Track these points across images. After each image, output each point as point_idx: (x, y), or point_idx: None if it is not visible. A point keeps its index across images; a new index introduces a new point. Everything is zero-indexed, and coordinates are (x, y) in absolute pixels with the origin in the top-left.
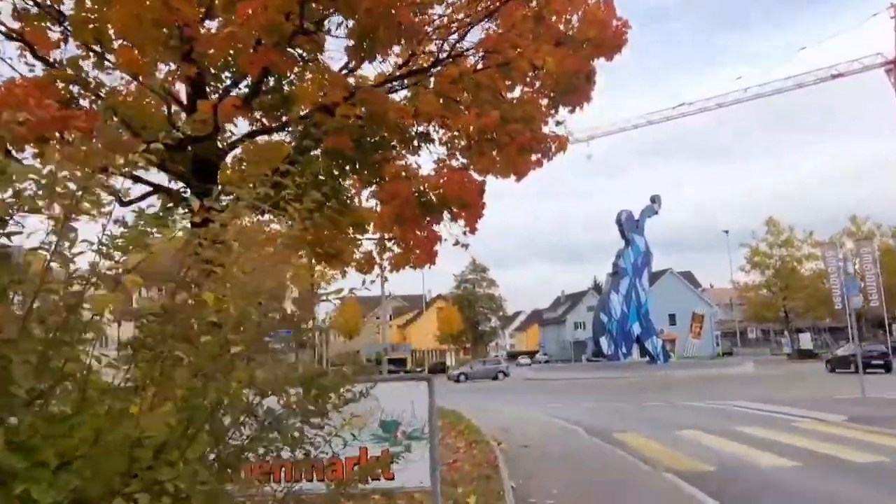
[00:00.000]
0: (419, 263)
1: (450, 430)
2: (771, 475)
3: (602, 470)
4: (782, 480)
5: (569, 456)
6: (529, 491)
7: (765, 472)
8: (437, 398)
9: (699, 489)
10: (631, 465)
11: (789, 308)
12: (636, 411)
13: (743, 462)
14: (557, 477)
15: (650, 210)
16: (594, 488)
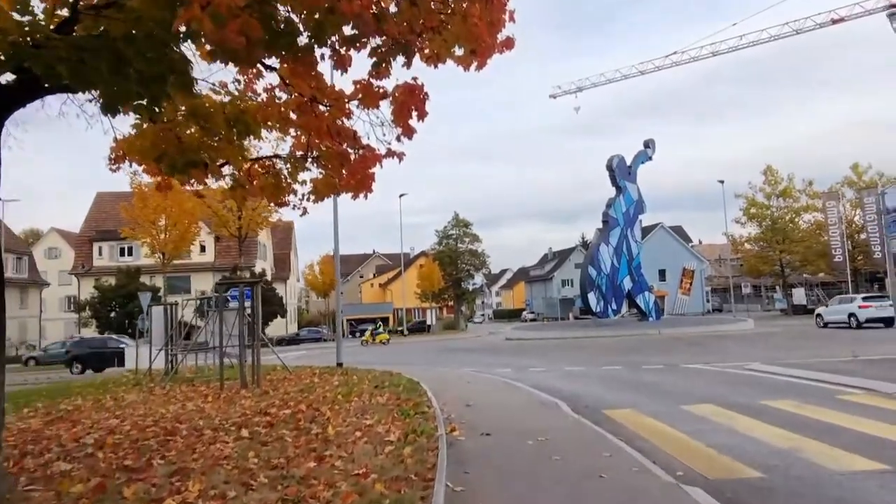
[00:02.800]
0: (352, 190)
1: (390, 416)
2: (859, 489)
3: (587, 477)
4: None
5: (542, 451)
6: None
7: (842, 481)
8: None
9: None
10: (632, 468)
11: (785, 262)
12: (631, 377)
13: (799, 461)
14: (516, 497)
15: (643, 155)
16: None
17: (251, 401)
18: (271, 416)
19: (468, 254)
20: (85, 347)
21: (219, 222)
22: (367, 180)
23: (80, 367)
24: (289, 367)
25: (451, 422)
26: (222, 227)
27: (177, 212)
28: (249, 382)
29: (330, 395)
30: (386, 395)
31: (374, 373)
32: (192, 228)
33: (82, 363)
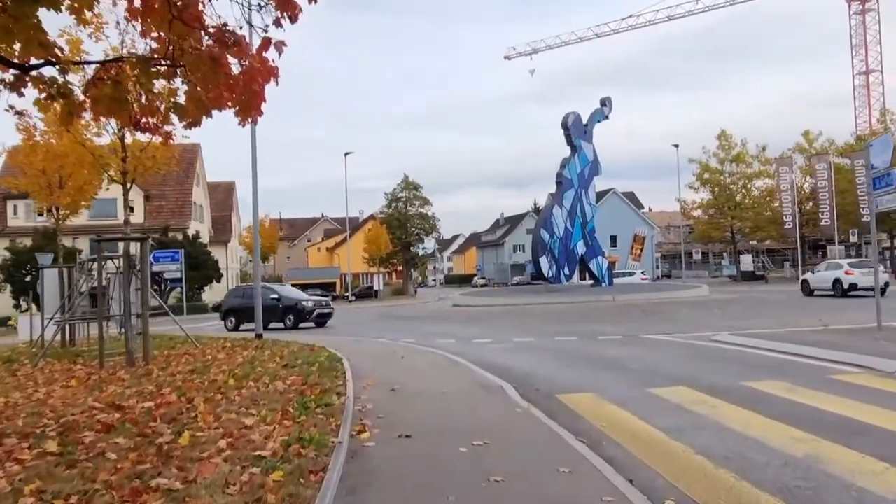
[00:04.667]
0: (233, 109)
1: (282, 411)
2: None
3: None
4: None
5: (477, 465)
6: None
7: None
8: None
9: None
10: (602, 496)
11: (736, 228)
12: (588, 350)
13: (830, 481)
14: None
15: (600, 114)
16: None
17: (122, 385)
18: (123, 410)
19: (418, 217)
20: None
21: (94, 163)
22: (255, 99)
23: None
24: (195, 340)
25: (363, 417)
26: (101, 169)
27: (72, 160)
28: (140, 358)
29: (223, 377)
30: (291, 379)
31: (294, 346)
32: (94, 181)
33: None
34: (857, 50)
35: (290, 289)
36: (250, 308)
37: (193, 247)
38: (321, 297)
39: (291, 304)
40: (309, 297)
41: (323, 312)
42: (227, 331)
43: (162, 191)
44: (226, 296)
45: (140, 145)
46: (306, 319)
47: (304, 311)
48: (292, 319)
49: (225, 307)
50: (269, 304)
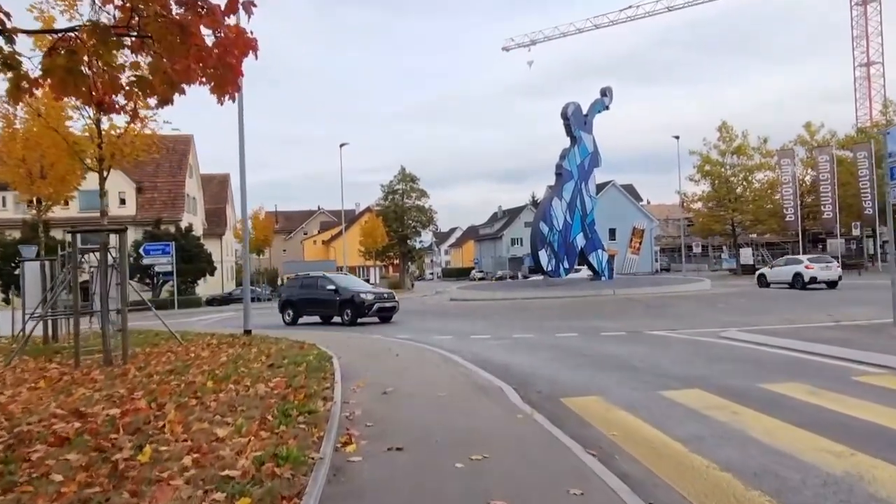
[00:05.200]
0: (208, 83)
1: (260, 419)
2: None
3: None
4: None
5: (476, 485)
6: None
7: None
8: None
9: None
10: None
11: (737, 221)
12: (591, 348)
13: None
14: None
15: (600, 104)
16: None
17: (93, 388)
18: (86, 418)
19: (415, 210)
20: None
21: (68, 150)
22: (231, 73)
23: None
24: (180, 337)
25: (350, 426)
26: (72, 155)
27: (52, 148)
28: (118, 357)
29: (202, 378)
30: (275, 381)
31: (283, 343)
32: (77, 171)
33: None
34: (858, 41)
35: (349, 278)
36: (310, 300)
37: (186, 239)
38: (383, 290)
39: (348, 296)
40: (369, 289)
41: (385, 306)
42: (286, 325)
43: (154, 182)
44: (284, 286)
45: (117, 130)
46: (366, 314)
47: (362, 305)
48: (349, 314)
49: (282, 299)
50: (326, 296)
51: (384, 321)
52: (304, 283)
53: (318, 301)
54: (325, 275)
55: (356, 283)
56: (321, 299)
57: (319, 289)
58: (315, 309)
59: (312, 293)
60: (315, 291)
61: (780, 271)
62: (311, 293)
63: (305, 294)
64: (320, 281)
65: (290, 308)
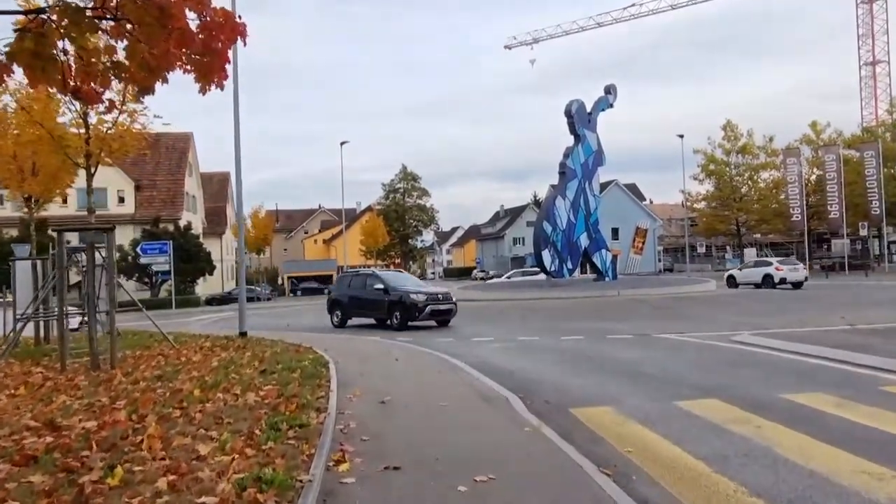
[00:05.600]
0: (193, 72)
1: (246, 433)
2: None
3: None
4: None
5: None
6: None
7: None
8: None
9: None
10: None
11: (742, 221)
12: (599, 352)
13: None
14: None
15: (604, 101)
16: None
17: (74, 395)
18: (60, 431)
19: (416, 209)
20: None
21: (53, 145)
22: (217, 60)
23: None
24: (172, 340)
25: (344, 441)
26: (62, 151)
27: (45, 146)
28: (107, 360)
29: (190, 385)
30: (266, 389)
31: (279, 346)
32: (70, 168)
33: None
34: (863, 40)
35: (399, 276)
36: (359, 300)
37: (185, 238)
38: (438, 289)
39: (397, 297)
40: (421, 288)
41: (439, 308)
42: (334, 327)
43: (153, 180)
44: (334, 284)
45: (106, 124)
46: (416, 317)
47: (413, 307)
48: (398, 317)
49: (330, 298)
50: (374, 296)
51: (441, 325)
52: (352, 282)
53: (367, 302)
54: (374, 272)
55: (407, 282)
56: (369, 300)
57: (367, 288)
58: (363, 310)
59: (360, 293)
60: (363, 291)
61: (750, 272)
62: (359, 293)
63: (353, 293)
64: (368, 279)
65: (339, 309)
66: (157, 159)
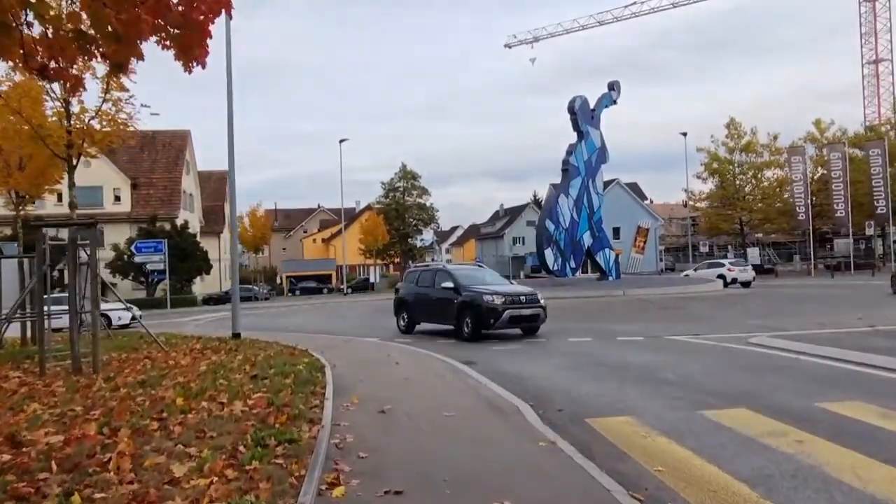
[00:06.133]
0: (170, 48)
1: (229, 450)
2: None
3: None
4: None
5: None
6: None
7: None
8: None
9: None
10: None
11: (745, 220)
12: (610, 356)
13: None
14: None
15: (608, 98)
16: None
17: (47, 404)
18: (20, 447)
19: (416, 208)
20: None
21: (31, 134)
22: (197, 34)
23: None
24: (160, 343)
25: (339, 459)
26: (41, 140)
27: (26, 138)
28: (88, 364)
29: (174, 392)
30: (256, 397)
31: (273, 349)
32: (59, 163)
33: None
34: (866, 38)
35: (475, 272)
36: (428, 301)
37: (182, 237)
38: (521, 289)
39: (468, 298)
40: (499, 288)
41: (522, 314)
42: (401, 332)
43: (150, 178)
44: (403, 279)
45: (88, 113)
46: (491, 325)
47: (488, 312)
48: (470, 324)
49: (397, 298)
50: (441, 296)
51: (527, 333)
52: (420, 278)
53: (434, 303)
54: (444, 266)
55: (483, 279)
56: (437, 301)
57: (436, 286)
58: (431, 314)
59: (428, 292)
60: (431, 289)
61: (705, 273)
62: (426, 292)
63: (421, 292)
64: (437, 275)
65: (405, 311)
66: (153, 157)
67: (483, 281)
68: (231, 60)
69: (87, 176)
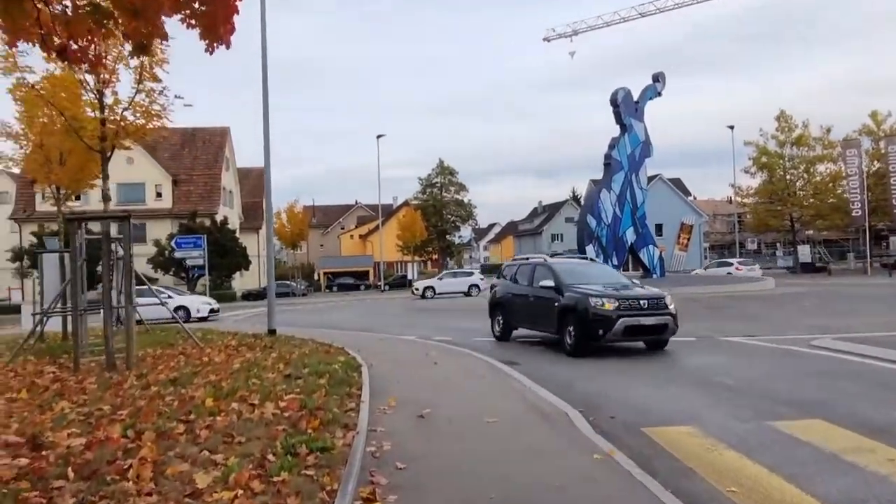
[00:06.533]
0: (195, 26)
1: (257, 457)
2: None
3: None
4: None
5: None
6: None
7: None
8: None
9: None
10: None
11: (796, 216)
12: (662, 356)
13: None
14: None
15: (652, 90)
16: None
17: (76, 402)
18: (40, 451)
19: (454, 204)
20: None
21: (66, 127)
22: (223, 10)
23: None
24: (196, 339)
25: (375, 470)
26: (75, 133)
27: (62, 132)
28: (123, 360)
29: (204, 392)
30: (288, 399)
31: (308, 347)
32: (97, 158)
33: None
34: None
35: (587, 267)
36: (525, 302)
37: (221, 233)
38: (643, 291)
39: (571, 301)
40: (612, 289)
41: (641, 323)
42: (496, 339)
43: (190, 175)
44: (499, 276)
45: (121, 105)
46: (601, 336)
47: (596, 320)
48: (573, 335)
49: (492, 297)
50: (540, 295)
51: (652, 348)
52: (518, 273)
53: (531, 306)
54: (545, 260)
55: (594, 277)
56: (534, 301)
57: (534, 284)
58: (528, 319)
59: (525, 290)
60: (528, 288)
61: (715, 271)
62: (523, 290)
63: (518, 291)
64: (537, 271)
65: (500, 312)
66: (194, 154)
67: (593, 279)
68: (266, 41)
69: (129, 173)
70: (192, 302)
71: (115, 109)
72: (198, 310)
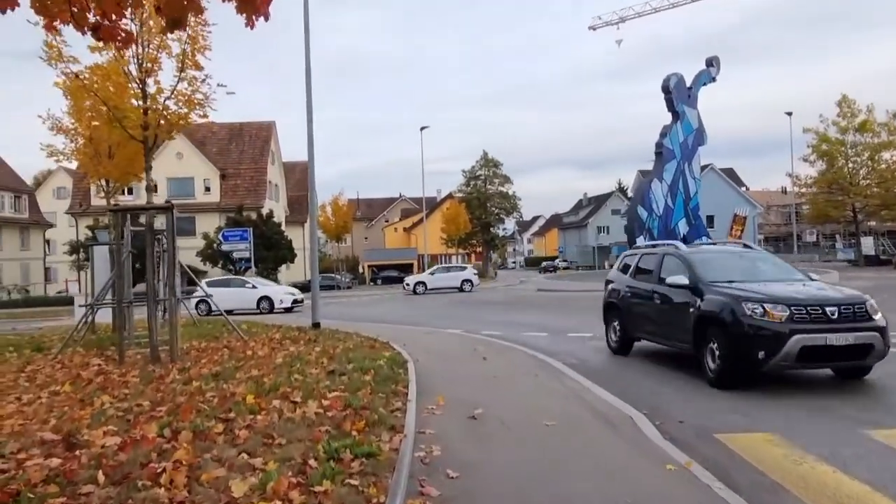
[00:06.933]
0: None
1: (298, 462)
2: None
3: None
4: None
5: None
6: None
7: None
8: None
9: None
10: None
11: (859, 207)
12: None
13: None
14: None
15: (706, 75)
16: None
17: (118, 396)
18: (74, 450)
19: (498, 196)
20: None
21: (110, 117)
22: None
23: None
24: (241, 332)
25: (424, 479)
26: (118, 123)
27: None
28: (167, 352)
29: (245, 387)
30: (332, 397)
31: (353, 341)
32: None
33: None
34: None
35: (736, 256)
36: (651, 307)
37: (267, 226)
38: (830, 294)
39: (714, 308)
40: (776, 290)
41: (830, 343)
42: (612, 351)
43: (238, 169)
44: (612, 270)
45: (164, 93)
46: (760, 362)
47: (754, 337)
48: (718, 356)
49: (606, 296)
50: (669, 296)
51: (846, 376)
52: (640, 264)
53: (656, 310)
54: (677, 248)
55: (749, 272)
56: (660, 305)
57: (660, 281)
58: (653, 327)
59: (647, 289)
60: (654, 285)
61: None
62: (647, 288)
63: (639, 289)
64: (665, 262)
65: (617, 318)
66: (241, 148)
67: (749, 274)
68: (309, 35)
69: (179, 167)
70: (276, 293)
71: (158, 98)
72: (281, 300)
